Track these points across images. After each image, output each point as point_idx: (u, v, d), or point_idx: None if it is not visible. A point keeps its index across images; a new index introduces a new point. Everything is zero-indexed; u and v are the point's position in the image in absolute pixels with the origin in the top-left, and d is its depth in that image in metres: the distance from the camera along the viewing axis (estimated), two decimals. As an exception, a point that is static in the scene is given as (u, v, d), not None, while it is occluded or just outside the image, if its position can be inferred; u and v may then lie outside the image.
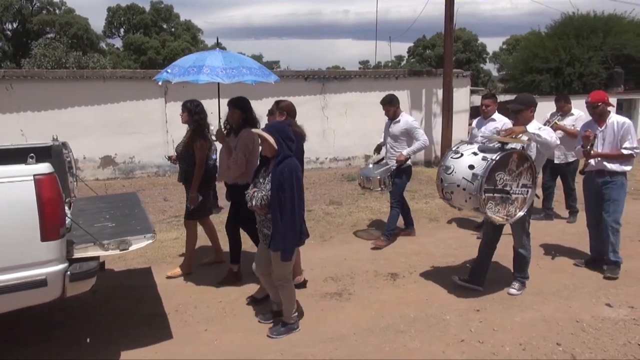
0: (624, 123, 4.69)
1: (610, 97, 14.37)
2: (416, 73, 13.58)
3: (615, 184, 4.75)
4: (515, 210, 4.04)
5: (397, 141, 5.90)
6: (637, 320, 3.83)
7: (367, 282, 4.75)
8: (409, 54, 50.56)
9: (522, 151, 4.00)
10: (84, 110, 10.56)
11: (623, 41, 19.21)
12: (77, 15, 38.54)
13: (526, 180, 4.03)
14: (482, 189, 3.79)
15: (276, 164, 3.41)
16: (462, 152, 4.13)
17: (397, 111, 5.92)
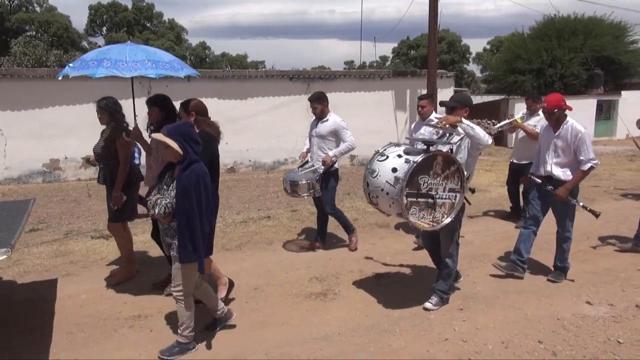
0: (579, 133, 4.45)
1: (590, 98, 14.58)
2: (401, 73, 13.66)
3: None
4: (442, 216, 3.83)
5: (325, 142, 5.59)
6: (617, 317, 3.90)
7: (352, 282, 4.76)
8: (393, 55, 50.84)
9: (447, 154, 3.79)
10: (65, 110, 10.42)
11: (603, 43, 19.57)
12: (58, 14, 38.00)
13: (454, 184, 3.80)
14: (404, 193, 3.58)
15: (182, 170, 3.18)
16: (388, 154, 3.88)
17: (325, 110, 5.61)
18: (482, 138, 3.82)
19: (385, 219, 7.06)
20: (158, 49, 5.13)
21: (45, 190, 9.53)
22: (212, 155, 3.92)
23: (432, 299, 4.12)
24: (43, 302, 4.37)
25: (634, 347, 3.45)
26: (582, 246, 5.80)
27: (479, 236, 6.28)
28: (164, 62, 4.49)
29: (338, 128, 5.50)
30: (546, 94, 17.40)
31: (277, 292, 4.52)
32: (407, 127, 13.11)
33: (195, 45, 48.93)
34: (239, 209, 7.96)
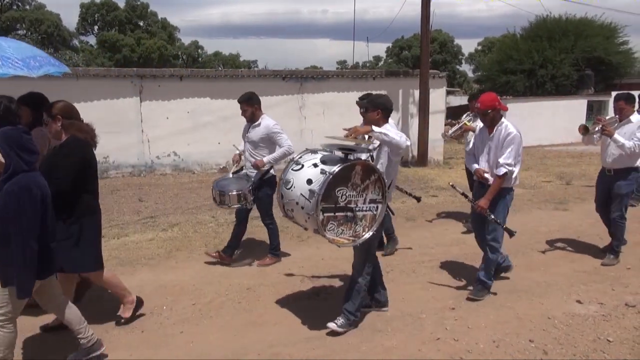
0: (510, 134, 4.12)
1: (580, 98, 14.62)
2: (393, 73, 13.68)
3: (498, 201, 4.23)
4: (363, 229, 3.52)
5: (257, 148, 5.03)
6: (606, 316, 3.94)
7: (345, 282, 4.75)
8: (386, 55, 50.96)
9: (367, 162, 3.48)
10: (56, 109, 10.32)
11: (593, 44, 19.76)
12: (48, 12, 37.70)
13: (375, 194, 3.49)
14: (320, 208, 3.25)
15: (3, 181, 2.76)
16: (304, 163, 3.54)
17: (256, 112, 5.04)
18: (399, 141, 3.55)
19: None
20: (21, 42, 4.56)
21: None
22: (84, 162, 3.49)
23: (338, 320, 3.70)
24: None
25: (623, 345, 3.48)
26: (572, 246, 5.84)
27: (471, 235, 6.29)
28: (15, 59, 3.95)
29: (270, 133, 4.97)
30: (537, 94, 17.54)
31: (270, 292, 4.52)
32: (399, 127, 13.12)
33: (188, 45, 48.74)
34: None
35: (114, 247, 5.89)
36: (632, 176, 5.12)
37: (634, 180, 5.17)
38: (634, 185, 5.24)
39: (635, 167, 5.09)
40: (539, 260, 5.36)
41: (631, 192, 5.27)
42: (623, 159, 5.02)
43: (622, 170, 5.10)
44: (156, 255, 5.62)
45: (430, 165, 12.82)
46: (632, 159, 5.03)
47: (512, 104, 16.83)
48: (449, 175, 11.32)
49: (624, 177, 5.09)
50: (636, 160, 5.06)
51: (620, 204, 5.15)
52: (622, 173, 5.10)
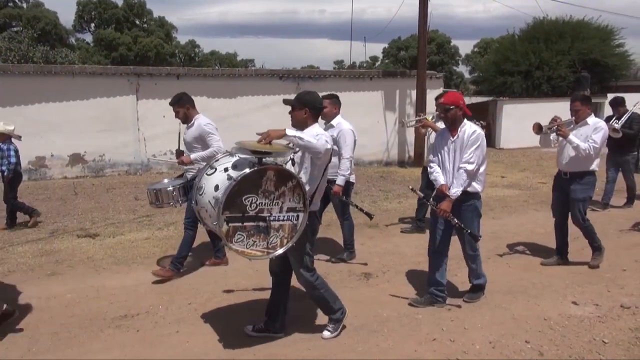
0: (474, 132, 3.96)
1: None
2: (390, 74, 13.70)
3: (468, 209, 4.08)
4: (280, 240, 3.23)
5: (192, 150, 4.83)
6: (602, 317, 3.94)
7: (341, 282, 4.75)
8: (383, 55, 51.00)
9: (281, 167, 3.17)
10: (52, 107, 10.29)
11: (590, 46, 19.82)
12: (46, 9, 37.50)
13: (293, 202, 3.19)
14: (223, 218, 2.99)
15: None
16: (217, 166, 3.29)
17: (189, 113, 4.85)
18: (316, 146, 3.20)
19: (374, 219, 7.06)
20: None
21: (30, 188, 9.40)
22: None
23: (329, 326, 3.65)
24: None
25: (618, 347, 3.49)
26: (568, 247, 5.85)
27: (467, 236, 6.31)
28: None
29: (203, 133, 4.75)
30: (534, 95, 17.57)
31: (266, 293, 4.49)
32: (396, 128, 13.15)
33: (185, 44, 48.61)
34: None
35: (109, 246, 5.87)
36: (588, 180, 4.94)
37: (591, 184, 4.98)
38: (590, 190, 5.01)
39: (591, 170, 4.92)
40: (535, 261, 5.36)
41: (588, 196, 5.03)
42: (579, 161, 4.86)
43: (577, 173, 4.93)
44: (152, 254, 5.60)
45: (427, 165, 12.83)
46: (588, 162, 4.86)
47: (509, 105, 16.94)
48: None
49: (579, 181, 4.93)
50: (592, 163, 4.89)
51: (578, 210, 4.99)
52: (578, 177, 4.94)
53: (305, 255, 3.46)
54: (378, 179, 10.65)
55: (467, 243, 4.24)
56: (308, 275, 3.50)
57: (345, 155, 5.00)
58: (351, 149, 5.04)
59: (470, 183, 4.00)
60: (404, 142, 13.31)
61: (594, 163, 4.90)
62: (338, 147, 4.96)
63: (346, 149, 5.00)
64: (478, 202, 4.13)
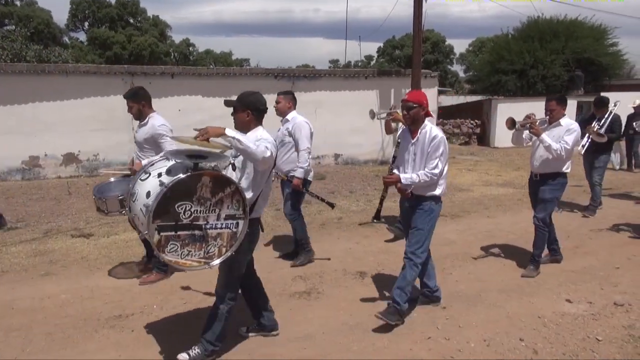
0: (435, 137, 3.73)
1: (570, 99, 14.56)
2: (385, 73, 13.70)
3: (422, 210, 3.85)
4: (219, 249, 3.04)
5: (142, 150, 4.54)
6: (595, 315, 3.97)
7: (336, 281, 4.76)
8: (378, 54, 51.03)
9: (217, 173, 3.00)
10: (45, 106, 10.22)
11: (583, 45, 19.94)
12: (39, 8, 37.28)
13: (232, 209, 3.01)
14: (153, 226, 2.80)
15: None
16: (151, 171, 3.10)
17: (143, 110, 4.56)
18: (254, 152, 2.95)
19: (369, 217, 7.09)
20: None
21: (24, 188, 9.34)
22: None
23: (193, 350, 3.28)
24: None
25: (612, 344, 3.51)
26: (561, 245, 5.87)
27: (462, 235, 6.34)
28: None
29: (155, 134, 4.44)
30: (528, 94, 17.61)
31: (261, 291, 4.49)
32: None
33: (179, 42, 48.46)
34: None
35: (104, 246, 5.85)
36: (559, 181, 4.85)
37: (560, 186, 4.88)
38: (560, 191, 4.91)
39: (562, 172, 4.83)
40: (529, 259, 5.38)
41: (556, 197, 4.92)
42: (550, 163, 4.77)
43: (548, 175, 4.85)
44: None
45: (422, 164, 12.85)
46: (559, 163, 4.78)
47: (503, 104, 16.99)
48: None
49: (549, 182, 4.84)
50: (563, 165, 4.80)
51: (543, 210, 4.87)
52: (548, 178, 4.85)
53: (235, 263, 3.21)
54: (373, 178, 10.66)
55: (410, 247, 3.90)
56: (227, 289, 3.28)
57: (303, 147, 4.93)
58: (308, 140, 4.96)
59: (430, 186, 3.81)
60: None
61: (566, 165, 4.82)
62: (294, 139, 4.96)
63: (303, 140, 4.94)
64: (436, 205, 3.88)
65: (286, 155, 5.05)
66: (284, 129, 5.12)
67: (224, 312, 3.29)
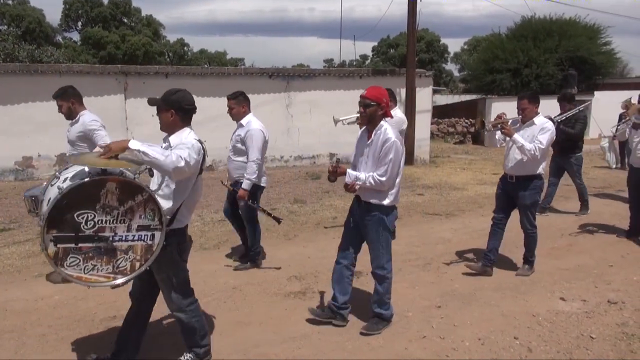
0: (387, 140, 3.44)
1: None
2: (380, 72, 13.73)
3: (372, 222, 3.61)
4: (131, 263, 2.76)
5: (76, 149, 4.48)
6: (589, 313, 3.99)
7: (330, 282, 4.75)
8: (373, 53, 51.08)
9: (126, 179, 2.69)
10: (38, 106, 10.16)
11: (577, 44, 20.03)
12: (31, 7, 37.05)
13: (146, 220, 2.73)
14: (49, 238, 2.57)
15: None
16: (61, 176, 2.88)
17: (73, 108, 4.48)
18: (163, 164, 2.67)
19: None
20: None
21: (17, 188, 9.28)
22: None
23: (185, 356, 3.18)
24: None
25: (605, 342, 3.53)
26: (556, 243, 5.92)
27: (457, 234, 6.36)
28: None
29: (87, 130, 4.39)
30: (522, 93, 17.10)
31: (256, 291, 4.50)
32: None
33: (174, 42, 48.29)
34: (217, 207, 7.88)
35: (97, 247, 5.82)
36: (535, 184, 4.70)
37: (538, 188, 4.75)
38: (538, 194, 4.81)
39: (537, 174, 4.68)
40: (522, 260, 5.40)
41: (536, 201, 4.83)
42: (525, 165, 4.61)
43: (524, 178, 4.68)
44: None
45: (417, 164, 12.88)
46: (534, 165, 4.62)
47: (498, 103, 17.04)
48: (436, 173, 11.38)
49: (526, 186, 4.66)
50: (538, 166, 4.66)
51: (527, 216, 4.79)
52: (524, 181, 4.68)
53: (173, 278, 3.01)
54: (368, 177, 10.67)
55: (373, 262, 3.69)
56: (179, 299, 3.05)
57: (252, 158, 4.68)
58: (259, 151, 4.70)
59: (379, 192, 3.55)
60: (394, 141, 13.34)
61: (541, 166, 4.68)
62: (245, 147, 4.74)
63: (253, 151, 4.69)
64: (387, 217, 3.61)
65: (236, 161, 4.85)
66: (236, 134, 4.88)
67: (191, 319, 3.10)
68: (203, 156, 2.97)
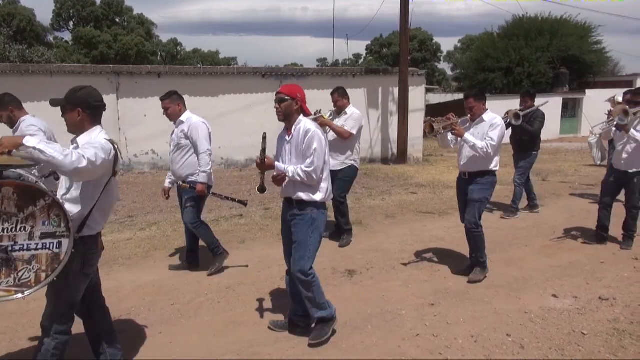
0: (308, 131, 3.36)
1: (556, 96, 14.59)
2: (373, 71, 13.75)
3: (303, 220, 3.40)
4: (36, 275, 2.55)
5: None
6: (581, 310, 4.02)
7: (325, 280, 4.75)
8: (367, 52, 51.11)
9: (25, 184, 2.49)
10: (29, 107, 10.00)
11: (568, 43, 20.18)
12: (22, 7, 36.75)
13: (51, 226, 2.53)
14: None
15: None
16: None
17: (14, 115, 4.41)
18: (62, 164, 2.42)
19: (357, 215, 7.10)
20: None
21: (8, 189, 9.22)
22: None
23: None
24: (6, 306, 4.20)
25: (597, 338, 3.56)
26: (547, 241, 5.95)
27: (450, 232, 6.38)
28: None
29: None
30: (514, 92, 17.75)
31: (250, 291, 4.50)
32: (379, 125, 13.21)
33: (167, 42, 48.10)
34: (211, 207, 7.87)
35: (90, 248, 5.79)
36: (487, 180, 4.60)
37: (490, 184, 4.63)
38: (489, 190, 4.66)
39: (490, 170, 4.59)
40: (516, 255, 5.44)
41: (485, 197, 4.65)
42: (477, 161, 4.57)
43: (476, 173, 4.62)
44: (134, 255, 5.54)
45: (410, 162, 12.92)
46: (487, 161, 4.54)
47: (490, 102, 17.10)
48: (429, 172, 11.42)
49: (478, 180, 4.61)
50: (491, 162, 4.56)
51: (473, 211, 4.60)
52: (476, 177, 4.61)
53: (63, 292, 2.73)
54: (361, 176, 10.67)
55: (296, 264, 3.42)
56: (53, 320, 2.74)
57: (202, 149, 4.61)
58: (207, 141, 4.65)
59: (310, 187, 3.40)
60: (387, 140, 13.38)
61: (494, 162, 4.59)
62: (192, 142, 4.65)
63: (202, 142, 4.61)
64: (318, 213, 3.43)
65: (183, 159, 4.71)
66: (178, 131, 4.73)
67: (50, 350, 2.73)
68: (115, 157, 2.78)
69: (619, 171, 5.57)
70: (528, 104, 7.17)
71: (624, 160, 5.45)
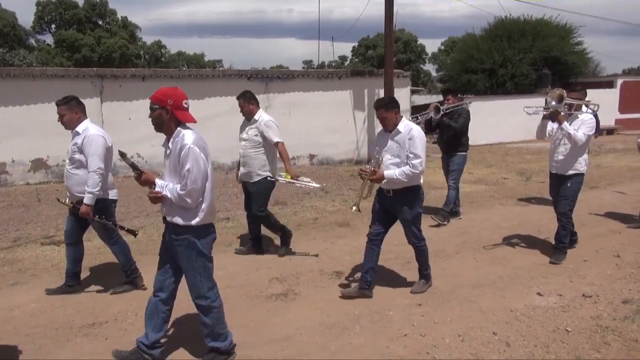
0: (183, 147, 2.99)
1: (539, 97, 14.73)
2: (358, 73, 13.80)
3: (181, 248, 3.14)
4: None
5: None
6: (565, 307, 4.08)
7: (313, 282, 4.77)
8: (353, 54, 51.28)
9: None
10: (11, 111, 9.95)
11: (550, 44, 20.44)
12: (3, 10, 36.22)
13: None
14: None
15: None
16: None
17: None
18: None
19: (344, 217, 7.12)
20: None
21: (-10, 195, 9.07)
22: None
23: None
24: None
25: (581, 334, 3.62)
26: (532, 240, 6.03)
27: (436, 232, 6.43)
28: None
29: None
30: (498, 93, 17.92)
31: (237, 294, 4.49)
32: (365, 126, 13.26)
33: (151, 44, 47.71)
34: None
35: (75, 253, 5.71)
36: (414, 198, 4.23)
37: (419, 201, 4.29)
38: (420, 206, 4.31)
39: (416, 186, 4.21)
40: (501, 254, 5.50)
41: (418, 213, 4.31)
42: (569, 160, 4.45)
43: (401, 191, 4.18)
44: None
45: (396, 163, 12.97)
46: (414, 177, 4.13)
47: (475, 103, 17.28)
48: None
49: (405, 200, 4.20)
50: (418, 179, 4.19)
51: (412, 231, 4.34)
52: (403, 195, 4.19)
53: None
54: (348, 178, 10.71)
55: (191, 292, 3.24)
56: None
57: (92, 167, 4.12)
58: (100, 159, 4.15)
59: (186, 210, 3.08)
60: (373, 141, 13.44)
61: (420, 178, 4.22)
62: (84, 156, 4.19)
63: (93, 160, 4.13)
64: (199, 240, 3.12)
65: (76, 174, 4.27)
66: (72, 143, 4.29)
67: None
68: None
69: (556, 175, 5.24)
70: (451, 101, 6.96)
71: (560, 162, 5.15)
